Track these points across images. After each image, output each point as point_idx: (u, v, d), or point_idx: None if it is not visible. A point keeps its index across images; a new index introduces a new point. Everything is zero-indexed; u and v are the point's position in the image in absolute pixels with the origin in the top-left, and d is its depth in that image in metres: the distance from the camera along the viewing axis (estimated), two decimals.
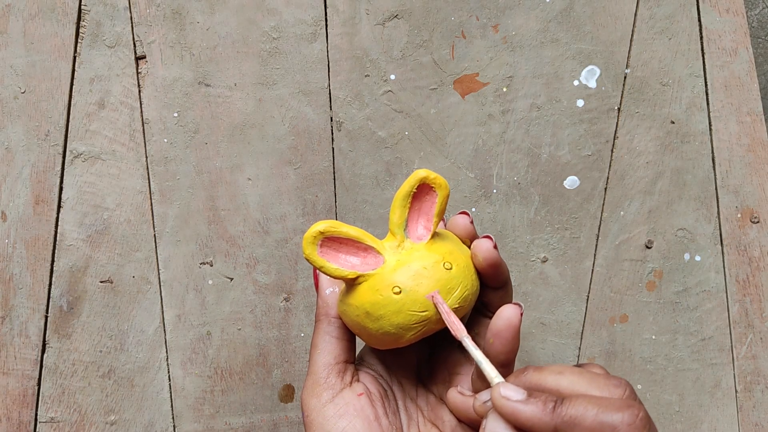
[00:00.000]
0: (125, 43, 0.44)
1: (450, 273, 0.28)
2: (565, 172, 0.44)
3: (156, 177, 0.43)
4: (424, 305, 0.27)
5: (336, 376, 0.30)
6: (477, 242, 0.29)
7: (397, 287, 0.27)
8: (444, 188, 0.29)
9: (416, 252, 0.28)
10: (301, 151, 0.44)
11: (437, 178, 0.29)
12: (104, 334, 0.43)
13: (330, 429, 0.28)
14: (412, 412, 0.32)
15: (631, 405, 0.23)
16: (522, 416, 0.24)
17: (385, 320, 0.28)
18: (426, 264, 0.28)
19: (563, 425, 0.23)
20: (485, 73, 0.44)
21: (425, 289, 0.27)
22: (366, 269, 0.29)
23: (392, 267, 0.28)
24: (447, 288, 0.28)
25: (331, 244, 0.29)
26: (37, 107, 0.43)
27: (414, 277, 0.27)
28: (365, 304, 0.28)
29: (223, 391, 0.43)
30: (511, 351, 0.27)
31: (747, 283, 0.44)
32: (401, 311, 0.27)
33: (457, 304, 0.28)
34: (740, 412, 0.43)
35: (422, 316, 0.27)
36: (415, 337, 0.28)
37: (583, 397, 0.23)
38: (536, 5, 0.44)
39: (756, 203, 0.44)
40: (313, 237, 0.28)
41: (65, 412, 0.42)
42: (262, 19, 0.44)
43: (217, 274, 0.43)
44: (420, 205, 0.30)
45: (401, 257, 0.28)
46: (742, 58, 0.44)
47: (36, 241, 0.43)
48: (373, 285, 0.28)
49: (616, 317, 0.44)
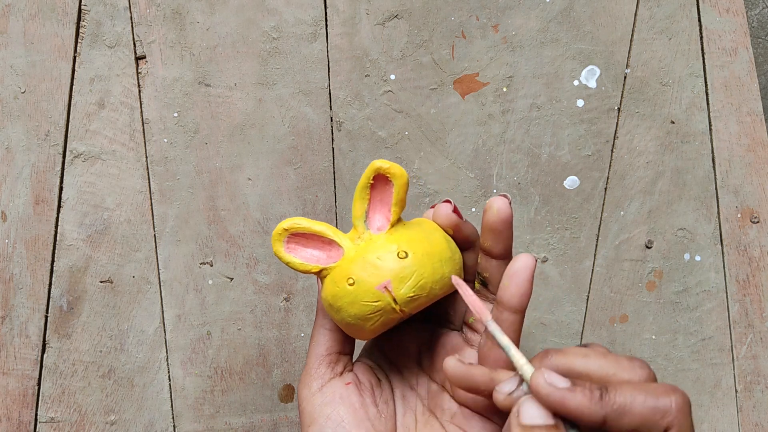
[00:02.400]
0: (125, 43, 0.44)
1: (403, 262, 0.28)
2: (565, 172, 0.44)
3: (156, 177, 0.43)
4: (375, 295, 0.27)
5: (326, 366, 0.30)
6: (437, 208, 0.30)
7: (351, 278, 0.28)
8: (399, 177, 0.28)
9: (373, 243, 0.29)
10: (301, 151, 0.44)
11: (392, 167, 0.28)
12: (104, 334, 0.43)
13: (317, 416, 0.29)
14: (411, 401, 0.32)
15: (675, 389, 0.23)
16: (570, 405, 0.23)
17: (344, 311, 0.28)
18: (380, 254, 0.28)
19: (613, 413, 0.23)
20: (485, 73, 0.44)
21: (376, 279, 0.27)
22: (329, 262, 0.29)
23: (349, 259, 0.29)
24: (399, 277, 0.27)
25: (299, 240, 0.30)
26: (37, 107, 0.43)
27: (365, 267, 0.28)
28: (328, 296, 0.29)
29: (223, 391, 0.43)
30: (524, 294, 0.27)
31: (747, 283, 0.44)
32: (355, 302, 0.28)
33: (412, 293, 0.27)
34: (740, 412, 0.43)
35: (375, 306, 0.27)
36: (375, 327, 0.28)
37: (627, 384, 0.23)
38: (536, 5, 0.44)
39: (756, 203, 0.44)
40: (278, 234, 0.29)
41: (65, 412, 0.42)
42: (262, 19, 0.44)
43: (217, 274, 0.43)
44: (381, 195, 0.30)
45: (359, 248, 0.29)
46: (742, 58, 0.44)
47: (36, 241, 0.43)
48: (333, 277, 0.29)
49: (616, 317, 0.44)
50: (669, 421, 0.22)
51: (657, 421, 0.22)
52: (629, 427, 0.23)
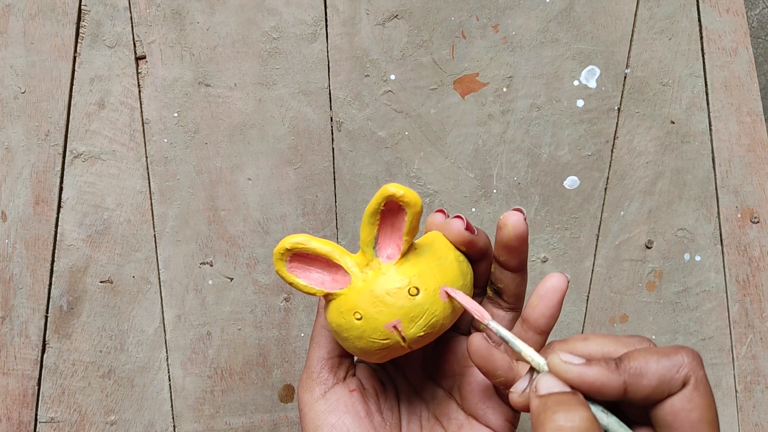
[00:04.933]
0: (125, 43, 0.44)
1: (414, 300, 0.26)
2: (565, 172, 0.44)
3: (156, 177, 0.43)
4: (383, 334, 0.26)
5: (329, 371, 0.30)
6: (448, 224, 0.29)
7: (358, 313, 0.26)
8: (413, 206, 0.26)
9: (383, 275, 0.27)
10: (301, 151, 0.44)
11: (406, 194, 0.26)
12: (104, 334, 0.43)
13: (320, 424, 0.28)
14: (416, 407, 0.31)
15: (682, 348, 0.24)
16: (589, 377, 0.24)
17: (349, 342, 0.27)
18: (389, 289, 0.26)
19: (631, 378, 0.23)
20: (485, 73, 0.44)
21: (385, 317, 0.26)
22: (335, 287, 0.28)
23: (357, 289, 0.27)
24: (410, 317, 0.26)
25: (303, 259, 0.28)
26: (37, 107, 0.43)
27: (375, 303, 0.26)
28: (332, 323, 0.28)
29: (223, 391, 0.43)
30: (552, 316, 0.27)
31: (747, 283, 0.44)
32: (362, 337, 0.27)
33: (422, 332, 0.26)
34: (740, 412, 0.43)
35: (383, 344, 0.27)
36: (381, 359, 0.28)
37: (638, 351, 0.24)
38: (536, 5, 0.44)
39: (756, 203, 0.44)
40: (280, 254, 0.27)
41: (65, 412, 0.42)
42: (262, 19, 0.44)
43: (217, 274, 0.43)
44: (393, 220, 0.27)
45: (367, 278, 0.27)
46: (742, 58, 0.44)
47: (36, 241, 0.43)
48: (338, 306, 0.27)
49: (616, 317, 0.44)
50: (685, 374, 0.23)
51: (673, 376, 0.23)
52: (649, 388, 0.23)
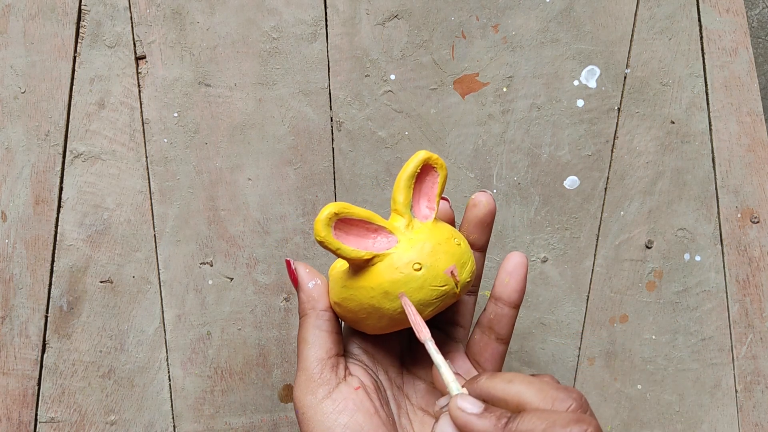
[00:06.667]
0: (125, 43, 0.44)
1: (461, 248, 0.30)
2: (565, 172, 0.44)
3: (156, 177, 0.43)
4: (443, 280, 0.28)
5: (330, 370, 0.30)
6: (475, 198, 0.32)
7: (418, 264, 0.28)
8: (444, 168, 0.31)
9: (426, 231, 0.29)
10: (301, 151, 0.44)
11: (438, 158, 0.30)
12: (104, 334, 0.43)
13: (331, 425, 0.28)
14: (401, 401, 0.32)
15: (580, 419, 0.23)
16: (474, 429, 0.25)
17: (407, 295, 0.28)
18: (440, 240, 0.29)
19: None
20: (485, 73, 0.44)
21: (444, 263, 0.28)
22: (380, 249, 0.29)
23: (409, 245, 0.29)
24: (461, 262, 0.29)
25: (342, 226, 0.29)
26: (37, 107, 0.43)
27: (432, 253, 0.28)
28: (384, 283, 0.28)
29: (223, 391, 0.43)
30: (523, 290, 0.31)
31: (747, 283, 0.44)
32: (423, 287, 0.28)
33: (469, 277, 0.29)
34: (740, 412, 0.43)
35: (443, 291, 0.28)
36: (432, 312, 0.29)
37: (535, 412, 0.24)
38: (536, 5, 0.44)
39: (756, 203, 0.44)
40: (328, 219, 0.28)
41: (65, 412, 0.42)
42: (262, 19, 0.44)
43: (217, 274, 0.43)
44: (421, 186, 0.31)
45: (414, 236, 0.29)
46: (742, 58, 0.44)
47: (36, 241, 0.43)
48: (391, 264, 0.28)
49: (616, 317, 0.44)
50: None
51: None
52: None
